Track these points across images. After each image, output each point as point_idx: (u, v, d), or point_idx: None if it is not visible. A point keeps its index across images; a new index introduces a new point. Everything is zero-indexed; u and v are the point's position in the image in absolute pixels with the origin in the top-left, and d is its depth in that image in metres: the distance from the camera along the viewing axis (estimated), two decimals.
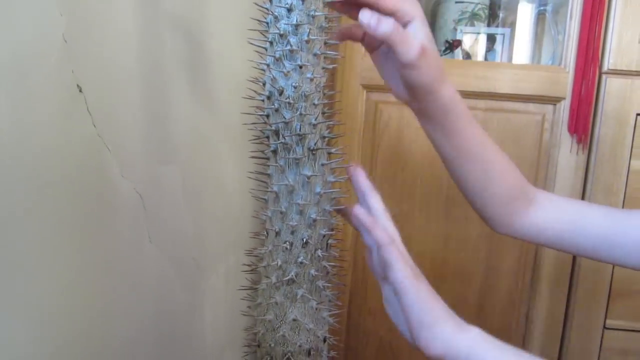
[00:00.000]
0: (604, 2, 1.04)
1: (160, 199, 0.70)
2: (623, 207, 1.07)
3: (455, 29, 1.31)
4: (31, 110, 0.48)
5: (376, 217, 0.56)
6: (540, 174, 1.11)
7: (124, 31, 0.60)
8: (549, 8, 1.27)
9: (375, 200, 0.57)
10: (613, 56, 1.04)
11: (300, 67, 0.53)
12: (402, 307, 0.51)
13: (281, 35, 0.52)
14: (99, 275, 0.58)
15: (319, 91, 0.55)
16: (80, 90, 0.54)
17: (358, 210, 0.54)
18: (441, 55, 1.29)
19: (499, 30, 1.34)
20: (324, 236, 0.59)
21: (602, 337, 1.11)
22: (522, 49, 1.30)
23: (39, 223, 0.49)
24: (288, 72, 0.53)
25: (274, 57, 0.53)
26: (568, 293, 1.12)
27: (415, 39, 0.53)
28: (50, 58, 0.50)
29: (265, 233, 0.60)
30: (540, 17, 1.29)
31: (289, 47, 0.52)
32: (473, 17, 1.34)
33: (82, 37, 0.53)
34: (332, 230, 0.60)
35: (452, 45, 1.23)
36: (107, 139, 0.59)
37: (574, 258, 1.12)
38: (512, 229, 0.69)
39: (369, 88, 1.12)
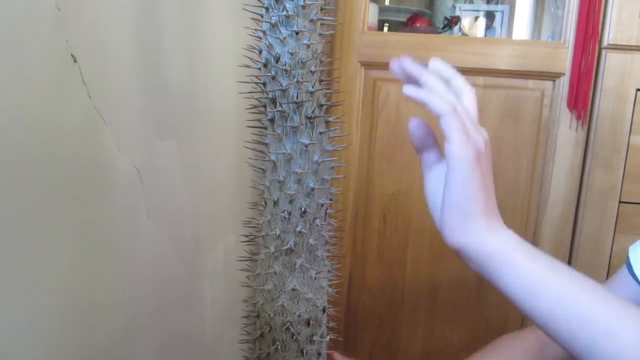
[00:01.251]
0: None
1: (157, 174, 0.70)
2: (623, 182, 1.06)
3: (454, 7, 1.30)
4: (24, 80, 0.47)
5: (434, 88, 0.48)
6: (539, 150, 1.10)
7: (122, 3, 0.59)
8: None
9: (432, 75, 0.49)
10: (613, 31, 1.04)
11: (297, 33, 0.52)
12: (447, 184, 0.47)
13: (277, 1, 0.52)
14: (96, 251, 0.58)
15: (316, 58, 0.55)
16: (75, 60, 0.54)
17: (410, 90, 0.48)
18: (440, 32, 1.29)
19: (498, 7, 1.33)
20: (322, 205, 0.59)
21: None
22: (521, 26, 1.29)
23: (33, 197, 0.48)
24: (284, 38, 0.53)
25: (270, 23, 0.53)
26: None
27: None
28: (43, 27, 0.49)
29: (263, 203, 0.60)
30: None
31: (284, 12, 0.52)
32: None
33: (75, 6, 0.52)
34: (330, 199, 0.60)
35: (450, 22, 1.23)
36: (103, 111, 0.58)
37: (575, 223, 1.11)
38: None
39: (367, 65, 1.11)
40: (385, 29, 1.32)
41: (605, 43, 1.05)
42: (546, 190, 1.10)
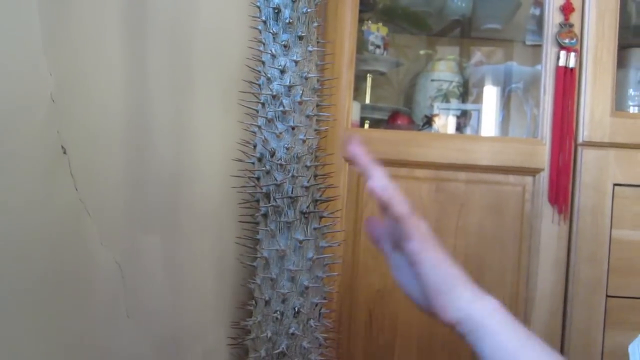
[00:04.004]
0: (574, 79, 1.08)
1: (140, 270, 0.67)
2: (608, 276, 1.06)
3: (432, 105, 1.35)
4: (13, 170, 0.45)
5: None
6: (524, 244, 1.10)
7: (111, 93, 0.59)
8: (520, 86, 1.33)
9: (381, 174, 0.53)
10: (587, 129, 1.08)
11: (293, 128, 0.52)
12: (419, 275, 0.50)
13: (274, 97, 0.52)
14: (71, 350, 0.54)
15: (311, 153, 0.54)
16: (65, 152, 0.52)
17: (374, 184, 0.51)
18: (420, 129, 1.32)
19: (472, 106, 1.38)
20: (317, 305, 0.56)
21: None
22: (489, 125, 1.35)
23: (8, 290, 0.45)
24: (280, 133, 0.53)
25: (266, 118, 0.53)
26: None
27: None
28: (37, 117, 0.48)
29: (253, 302, 0.57)
30: (512, 94, 1.35)
31: (281, 108, 0.52)
32: (448, 94, 1.38)
33: (69, 97, 0.52)
34: (324, 298, 0.57)
35: (430, 120, 1.26)
36: (88, 204, 0.56)
37: (564, 318, 1.09)
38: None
39: (352, 161, 1.12)
40: (366, 125, 1.36)
41: (580, 140, 1.08)
42: (533, 284, 1.09)
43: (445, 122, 1.36)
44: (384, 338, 1.12)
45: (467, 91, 1.40)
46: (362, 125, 1.28)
